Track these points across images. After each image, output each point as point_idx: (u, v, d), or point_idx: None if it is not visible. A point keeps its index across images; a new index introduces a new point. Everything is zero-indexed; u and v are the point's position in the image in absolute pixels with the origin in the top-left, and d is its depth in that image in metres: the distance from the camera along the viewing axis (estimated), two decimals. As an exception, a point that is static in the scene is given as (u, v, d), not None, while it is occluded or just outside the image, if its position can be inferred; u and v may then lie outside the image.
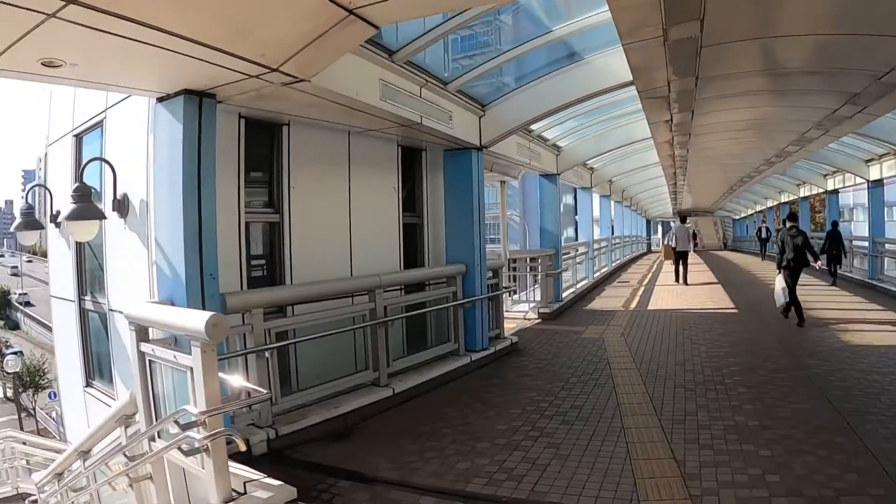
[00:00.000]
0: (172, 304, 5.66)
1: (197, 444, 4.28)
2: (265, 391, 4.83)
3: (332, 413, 6.97)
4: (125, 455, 5.68)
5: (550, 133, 14.92)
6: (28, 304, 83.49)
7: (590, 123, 14.77)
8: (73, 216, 6.36)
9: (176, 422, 4.52)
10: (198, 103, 5.76)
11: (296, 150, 8.01)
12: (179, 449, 4.54)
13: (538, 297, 15.62)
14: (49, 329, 59.69)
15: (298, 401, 7.00)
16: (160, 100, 5.91)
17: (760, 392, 7.82)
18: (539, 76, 10.05)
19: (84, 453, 7.05)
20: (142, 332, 5.25)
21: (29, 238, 9.40)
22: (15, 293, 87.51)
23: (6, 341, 56.32)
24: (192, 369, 4.41)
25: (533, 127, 13.03)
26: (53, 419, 36.78)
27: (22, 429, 31.25)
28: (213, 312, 4.21)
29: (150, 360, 5.20)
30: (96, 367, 8.87)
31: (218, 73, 5.25)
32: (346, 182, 8.87)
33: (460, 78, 9.31)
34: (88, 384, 8.94)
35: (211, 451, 4.29)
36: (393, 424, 7.21)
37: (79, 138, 8.89)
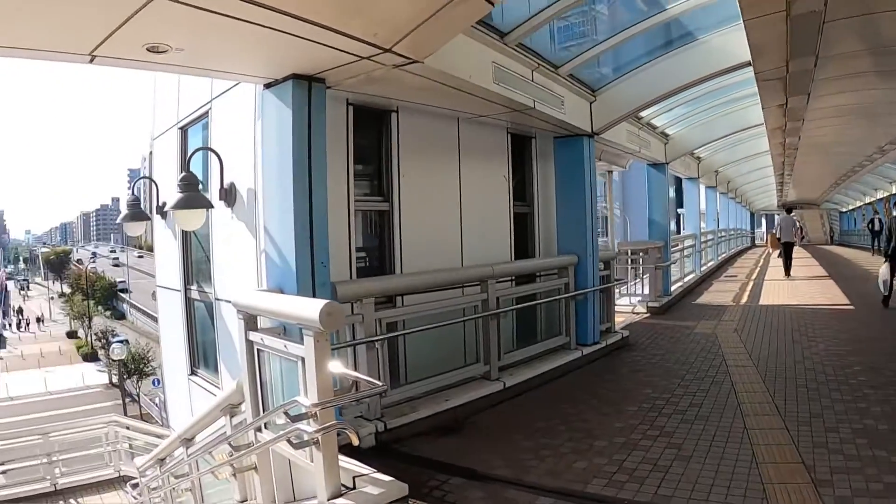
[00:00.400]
0: (282, 292, 5.55)
1: (307, 437, 4.13)
2: (380, 383, 4.63)
3: (442, 406, 6.80)
4: (230, 445, 5.59)
5: (659, 120, 14.49)
6: (125, 290, 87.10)
7: (699, 110, 14.20)
8: (179, 205, 6.32)
9: (285, 413, 4.38)
10: (307, 88, 5.60)
11: (405, 137, 7.82)
12: (288, 441, 4.41)
13: (643, 291, 15.25)
14: (153, 319, 62.28)
15: (407, 393, 6.85)
16: (267, 86, 5.81)
17: (888, 394, 7.26)
18: (652, 58, 9.66)
19: (187, 441, 6.99)
20: (250, 321, 5.13)
21: (135, 229, 9.49)
22: (117, 282, 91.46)
23: (112, 330, 58.57)
24: (303, 359, 4.26)
25: (642, 113, 12.59)
26: (156, 405, 38.15)
27: (126, 414, 32.59)
28: (327, 301, 4.03)
29: (258, 350, 5.07)
30: (201, 355, 8.93)
31: (328, 55, 5.08)
32: (457, 170, 8.65)
33: (573, 61, 8.95)
34: (193, 372, 9.01)
35: (321, 444, 4.13)
36: (505, 419, 7.00)
37: (184, 131, 8.94)
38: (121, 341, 47.17)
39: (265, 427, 5.01)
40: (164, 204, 9.10)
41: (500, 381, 7.65)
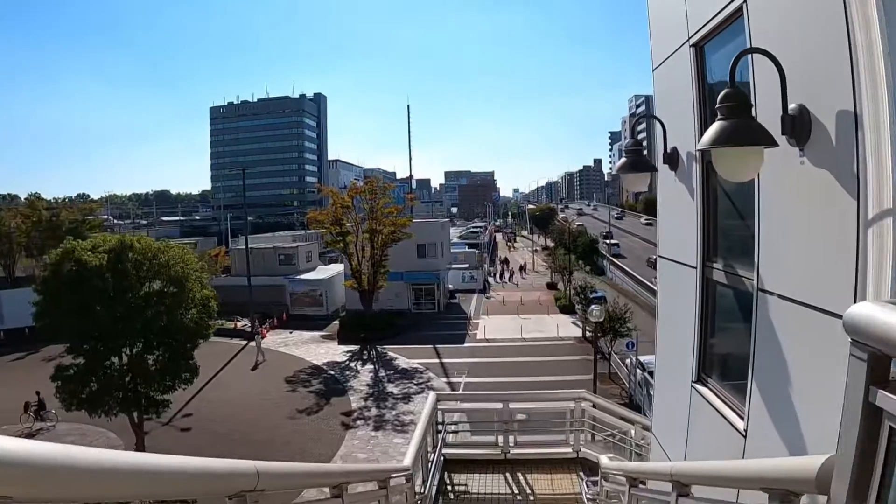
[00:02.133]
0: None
1: None
2: None
3: None
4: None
5: None
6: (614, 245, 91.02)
7: None
8: (722, 139, 3.89)
9: None
10: None
11: None
12: None
13: None
14: (636, 281, 63.19)
15: None
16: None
17: None
18: None
19: (681, 485, 4.87)
20: (880, 366, 2.40)
21: (636, 183, 7.49)
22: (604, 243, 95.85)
23: (591, 286, 59.54)
24: None
25: None
26: (625, 366, 38.48)
27: (595, 369, 33.84)
28: None
29: (889, 427, 2.35)
30: (718, 361, 6.61)
31: None
32: None
33: None
34: (699, 380, 6.68)
35: None
36: None
37: (698, 48, 6.46)
38: (598, 298, 47.52)
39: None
40: (674, 150, 6.91)
41: None
